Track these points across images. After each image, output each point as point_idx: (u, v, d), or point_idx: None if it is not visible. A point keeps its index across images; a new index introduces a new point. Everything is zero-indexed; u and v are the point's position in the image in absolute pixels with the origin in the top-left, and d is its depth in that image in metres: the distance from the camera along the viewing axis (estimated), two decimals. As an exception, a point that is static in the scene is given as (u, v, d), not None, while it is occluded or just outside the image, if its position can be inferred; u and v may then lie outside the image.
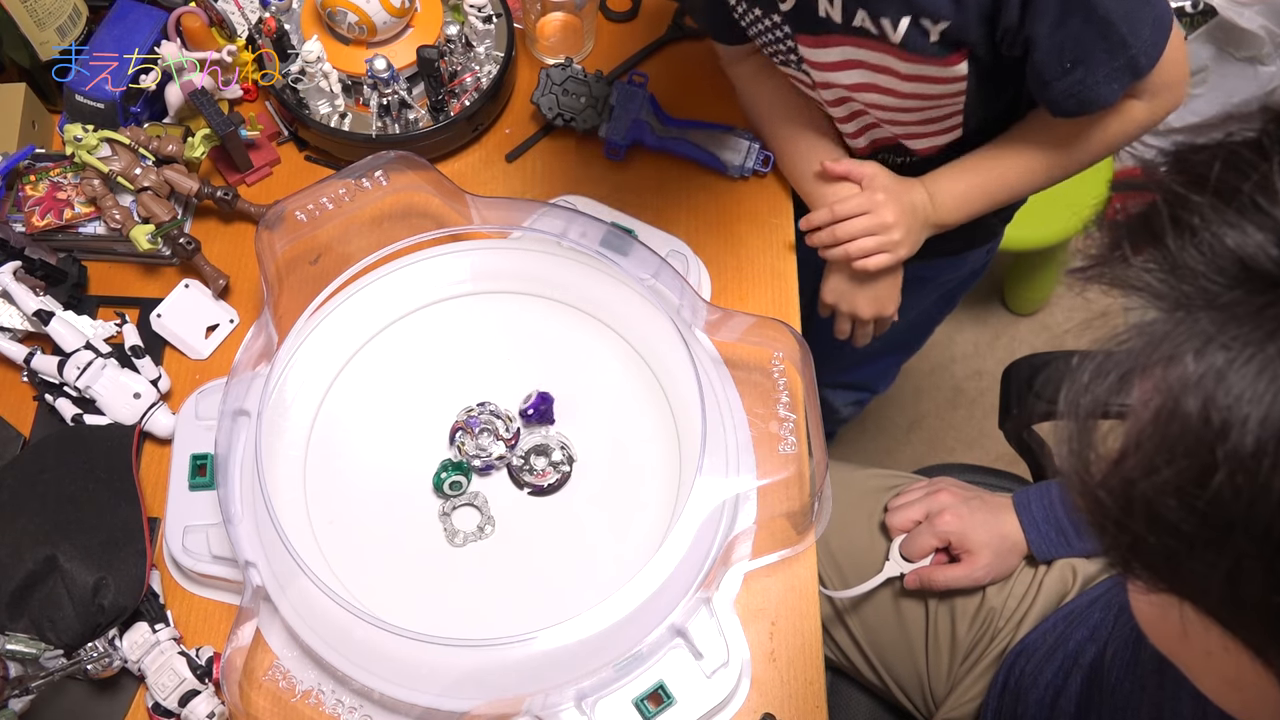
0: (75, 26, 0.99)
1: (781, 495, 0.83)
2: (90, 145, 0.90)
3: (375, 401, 0.88)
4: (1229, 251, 0.35)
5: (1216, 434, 0.33)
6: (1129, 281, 0.37)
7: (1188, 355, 0.34)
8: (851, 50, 0.82)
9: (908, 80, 0.83)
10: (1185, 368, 0.34)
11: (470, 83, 0.99)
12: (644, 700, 0.76)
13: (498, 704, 0.74)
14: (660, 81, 1.04)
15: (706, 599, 0.79)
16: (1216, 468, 0.33)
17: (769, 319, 0.84)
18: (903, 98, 0.85)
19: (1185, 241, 0.36)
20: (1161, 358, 0.35)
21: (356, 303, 0.89)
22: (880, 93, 0.86)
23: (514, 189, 1.00)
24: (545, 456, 0.85)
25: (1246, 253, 0.35)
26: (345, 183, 0.89)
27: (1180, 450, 0.34)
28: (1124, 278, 0.37)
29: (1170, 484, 0.35)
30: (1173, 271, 0.36)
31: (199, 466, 0.84)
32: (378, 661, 0.75)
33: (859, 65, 0.84)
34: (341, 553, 0.82)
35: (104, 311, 0.94)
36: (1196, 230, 0.36)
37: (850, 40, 0.81)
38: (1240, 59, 1.77)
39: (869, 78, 0.84)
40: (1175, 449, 0.35)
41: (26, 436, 0.89)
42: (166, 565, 0.85)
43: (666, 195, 0.99)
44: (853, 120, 0.93)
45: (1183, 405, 0.34)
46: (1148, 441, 0.36)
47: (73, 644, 0.77)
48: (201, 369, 0.92)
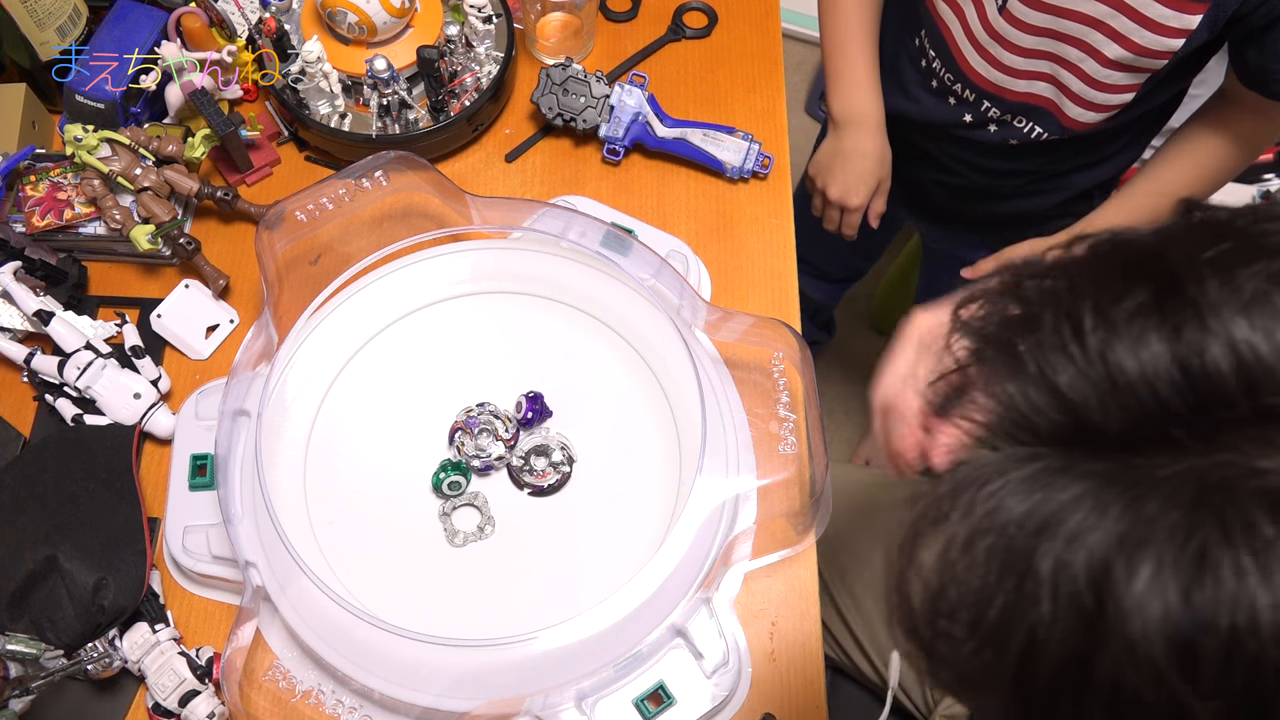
0: (75, 27, 0.99)
1: (781, 495, 0.83)
2: (90, 145, 0.90)
3: (375, 402, 0.88)
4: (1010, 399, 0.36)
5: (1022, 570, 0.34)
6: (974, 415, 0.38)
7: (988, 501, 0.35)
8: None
9: (1135, 20, 0.83)
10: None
11: (470, 83, 0.99)
12: (644, 700, 0.76)
13: (498, 704, 0.74)
14: (660, 81, 1.04)
15: (706, 599, 0.79)
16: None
17: (769, 319, 0.84)
18: (1113, 37, 0.85)
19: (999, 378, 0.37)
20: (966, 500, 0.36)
21: (356, 303, 0.89)
22: (1096, 27, 0.85)
23: (514, 189, 1.00)
24: (545, 457, 0.85)
25: (1014, 404, 0.36)
26: (345, 183, 0.89)
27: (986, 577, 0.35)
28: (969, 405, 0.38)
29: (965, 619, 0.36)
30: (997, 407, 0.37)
31: (199, 466, 0.84)
32: (378, 661, 0.75)
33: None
34: (341, 553, 0.82)
35: (104, 312, 0.94)
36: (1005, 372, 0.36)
37: None
38: (1240, 59, 1.76)
39: (1096, 9, 0.84)
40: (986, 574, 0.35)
41: (26, 436, 0.89)
42: (166, 565, 0.85)
43: (666, 195, 0.99)
44: (1031, 57, 0.92)
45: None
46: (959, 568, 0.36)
47: (73, 644, 0.77)
48: (201, 369, 0.92)
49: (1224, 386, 0.32)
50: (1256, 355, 0.32)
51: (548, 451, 0.86)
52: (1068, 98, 0.92)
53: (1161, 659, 0.31)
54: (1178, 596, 0.30)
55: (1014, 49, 0.91)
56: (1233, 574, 0.30)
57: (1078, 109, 0.92)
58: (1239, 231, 0.35)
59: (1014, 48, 0.91)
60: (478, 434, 0.85)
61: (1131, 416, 0.33)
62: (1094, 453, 0.34)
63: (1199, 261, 0.34)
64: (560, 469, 0.85)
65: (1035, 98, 0.95)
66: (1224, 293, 0.33)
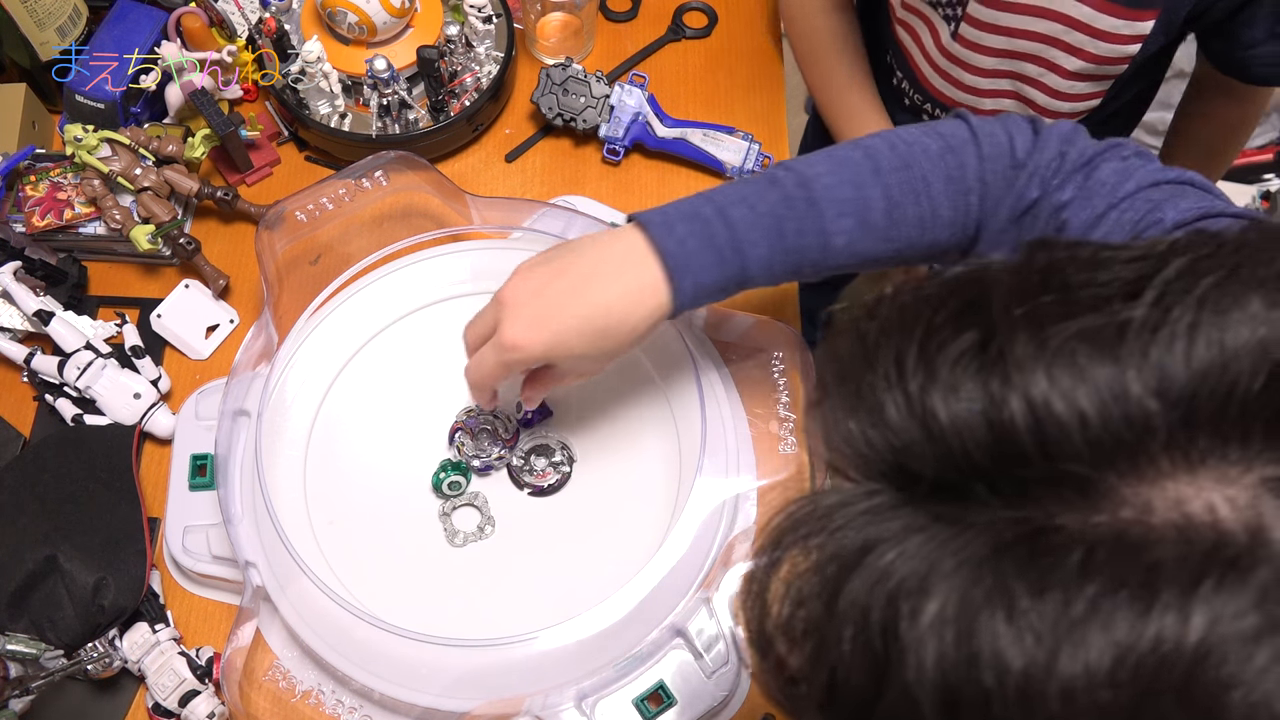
0: (75, 26, 0.99)
1: (781, 495, 0.83)
2: (90, 145, 0.90)
3: (375, 402, 0.88)
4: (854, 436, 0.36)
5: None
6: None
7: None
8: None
9: (1085, 33, 0.82)
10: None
11: (470, 83, 0.99)
12: (644, 700, 0.76)
13: (498, 704, 0.74)
14: (660, 81, 1.04)
15: (706, 599, 0.79)
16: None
17: (769, 319, 0.84)
18: (1070, 53, 0.84)
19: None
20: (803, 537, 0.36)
21: (356, 303, 0.89)
22: (1049, 43, 0.85)
23: (514, 189, 1.00)
24: (545, 457, 0.85)
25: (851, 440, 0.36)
26: (345, 183, 0.89)
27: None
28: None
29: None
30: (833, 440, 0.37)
31: (199, 466, 0.84)
32: (378, 661, 0.75)
33: (1041, 12, 0.83)
34: (341, 553, 0.82)
35: (104, 312, 0.94)
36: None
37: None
38: (1240, 59, 1.76)
39: (1046, 26, 0.83)
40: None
41: (26, 436, 0.89)
42: (166, 565, 0.85)
43: (666, 195, 0.99)
44: (990, 77, 0.91)
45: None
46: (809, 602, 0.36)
47: (73, 644, 0.77)
48: (201, 369, 0.92)
49: (1019, 444, 0.32)
50: (1052, 414, 0.31)
51: (548, 451, 0.86)
52: (1034, 109, 0.92)
53: (928, 707, 0.31)
54: (950, 648, 0.31)
55: (973, 70, 0.91)
56: (989, 634, 0.30)
57: (1046, 118, 0.92)
58: (1064, 283, 0.34)
59: (972, 69, 0.91)
60: (478, 434, 0.85)
61: (943, 465, 0.33)
62: (922, 496, 0.34)
63: (1015, 313, 0.34)
64: (560, 469, 0.85)
65: (1002, 112, 0.95)
66: (1030, 347, 0.32)
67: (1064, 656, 0.29)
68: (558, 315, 0.67)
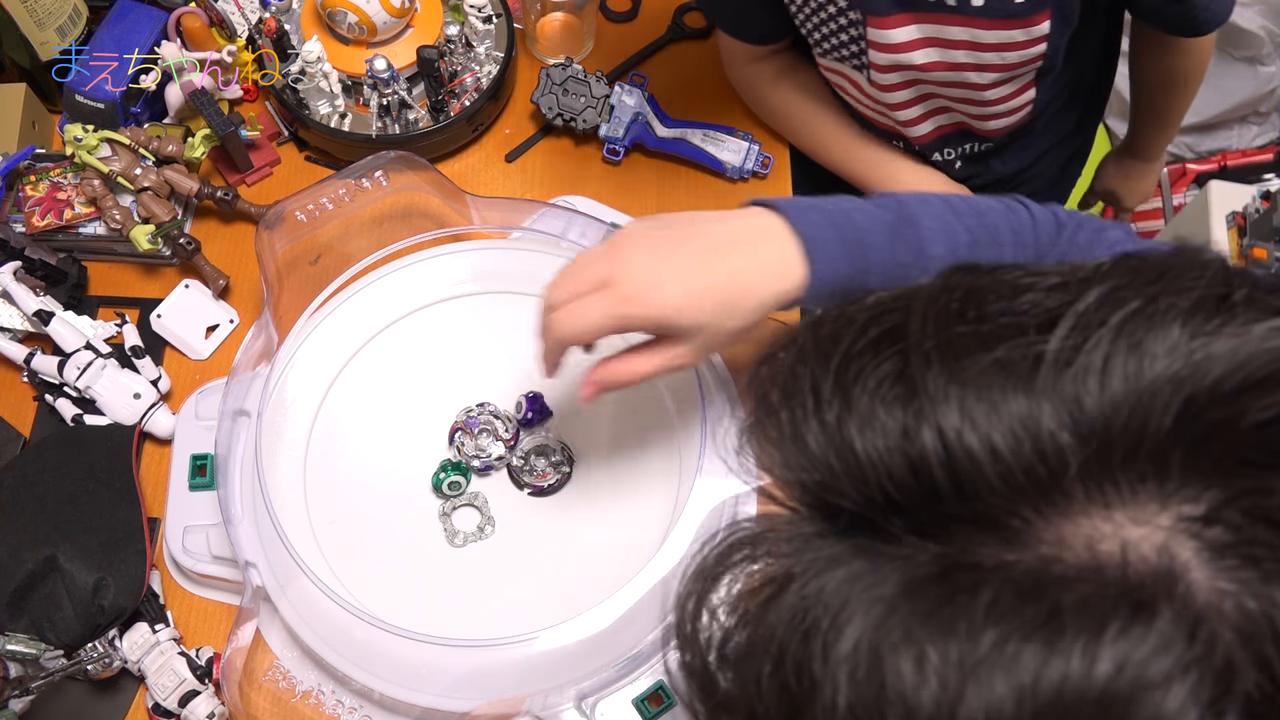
0: (75, 26, 0.99)
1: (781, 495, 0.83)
2: (90, 145, 0.90)
3: (375, 402, 0.88)
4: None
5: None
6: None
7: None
8: (927, 27, 0.81)
9: (986, 50, 0.81)
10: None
11: (470, 83, 0.99)
12: (644, 700, 0.76)
13: (498, 704, 0.74)
14: (660, 81, 1.04)
15: (706, 599, 0.79)
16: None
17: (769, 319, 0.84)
18: (979, 70, 0.84)
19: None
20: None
21: (356, 303, 0.89)
22: (954, 69, 0.84)
23: (514, 189, 1.00)
24: (545, 457, 0.85)
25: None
26: (345, 183, 0.89)
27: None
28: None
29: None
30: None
31: (199, 467, 0.84)
32: (378, 661, 0.75)
33: (933, 43, 0.82)
34: (341, 553, 0.82)
35: (104, 312, 0.94)
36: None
37: (926, 16, 0.80)
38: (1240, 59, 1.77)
39: (943, 55, 0.83)
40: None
41: (26, 436, 0.89)
42: (166, 565, 0.85)
43: (666, 195, 0.99)
44: (918, 104, 0.91)
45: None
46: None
47: (73, 644, 0.77)
48: (201, 369, 0.92)
49: (931, 478, 0.31)
50: (964, 446, 0.30)
51: (548, 451, 0.86)
52: (973, 119, 0.92)
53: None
54: (862, 686, 0.30)
55: (899, 106, 0.91)
56: (895, 673, 0.30)
57: (990, 123, 0.92)
58: (979, 313, 0.33)
59: (898, 105, 0.91)
60: (478, 434, 0.85)
61: (863, 498, 0.32)
62: (844, 528, 0.33)
63: (927, 342, 0.33)
64: (560, 469, 0.85)
65: (945, 128, 0.95)
66: (942, 378, 0.31)
67: (969, 697, 0.29)
68: (690, 276, 0.63)
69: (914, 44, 0.83)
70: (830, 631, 0.31)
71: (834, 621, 0.31)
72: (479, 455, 0.84)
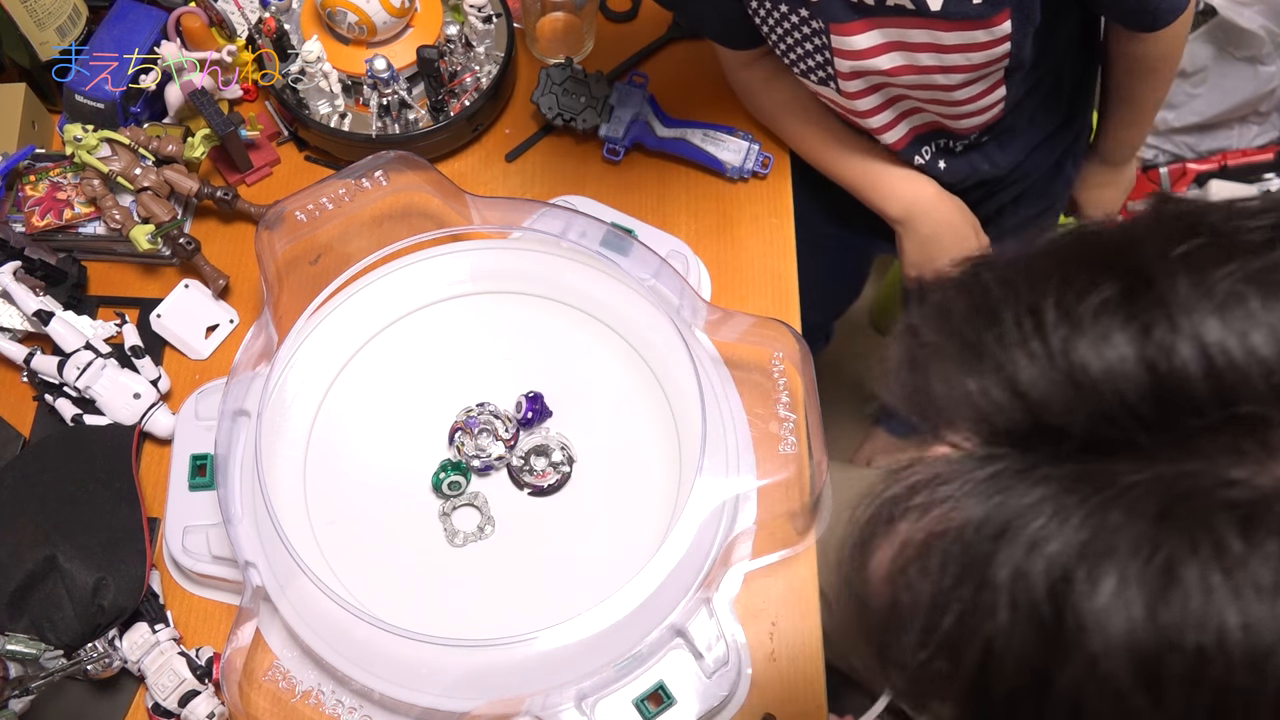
0: (75, 26, 0.99)
1: (781, 495, 0.83)
2: (90, 145, 0.89)
3: (375, 401, 0.88)
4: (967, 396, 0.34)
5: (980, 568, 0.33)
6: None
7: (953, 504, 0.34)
8: (889, 31, 0.81)
9: (949, 52, 0.81)
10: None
11: (470, 83, 0.99)
12: (644, 700, 0.76)
13: (498, 704, 0.74)
14: (660, 81, 1.04)
15: (706, 599, 0.79)
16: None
17: (769, 319, 0.84)
18: (945, 72, 0.84)
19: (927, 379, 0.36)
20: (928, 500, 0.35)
21: (356, 303, 0.89)
22: (920, 72, 0.84)
23: (514, 189, 1.00)
24: (545, 457, 0.85)
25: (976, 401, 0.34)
26: (345, 183, 0.89)
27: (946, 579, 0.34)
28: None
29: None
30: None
31: (199, 466, 0.84)
32: (378, 661, 0.75)
33: (896, 47, 0.82)
34: (341, 553, 0.82)
35: (104, 311, 0.94)
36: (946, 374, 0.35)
37: (886, 21, 0.80)
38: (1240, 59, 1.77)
39: (907, 59, 0.83)
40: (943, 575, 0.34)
41: (26, 436, 0.89)
42: (166, 565, 0.85)
43: (666, 195, 0.99)
44: (888, 109, 0.91)
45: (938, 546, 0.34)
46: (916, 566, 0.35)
47: (73, 644, 0.77)
48: (201, 369, 0.92)
49: (1192, 390, 0.31)
50: (1229, 359, 0.30)
51: (548, 451, 0.86)
52: (945, 119, 0.92)
53: (1124, 677, 0.30)
54: (1142, 613, 0.29)
55: (869, 112, 0.91)
56: (1200, 591, 0.29)
57: (962, 121, 0.92)
58: (1213, 228, 0.34)
59: (871, 111, 0.91)
60: (478, 434, 0.85)
61: (1095, 419, 0.32)
62: (1056, 455, 0.33)
63: (1170, 257, 0.32)
64: (560, 469, 0.85)
65: (919, 129, 0.94)
66: (1196, 292, 0.31)
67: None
68: None
69: (877, 49, 0.83)
70: (1092, 560, 0.30)
71: (1086, 550, 0.30)
72: (479, 455, 0.84)
